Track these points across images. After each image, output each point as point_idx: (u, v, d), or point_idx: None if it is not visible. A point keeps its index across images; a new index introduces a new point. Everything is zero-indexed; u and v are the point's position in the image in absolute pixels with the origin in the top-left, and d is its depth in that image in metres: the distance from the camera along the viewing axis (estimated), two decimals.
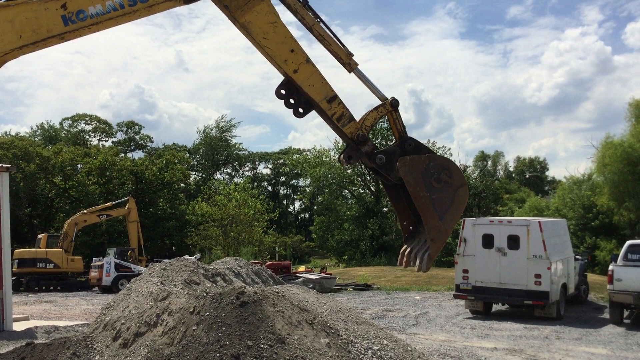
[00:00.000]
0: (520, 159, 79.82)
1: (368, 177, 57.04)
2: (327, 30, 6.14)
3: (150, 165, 56.23)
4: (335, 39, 6.17)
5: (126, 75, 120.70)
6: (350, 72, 6.32)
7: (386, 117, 6.50)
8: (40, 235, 36.30)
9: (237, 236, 45.04)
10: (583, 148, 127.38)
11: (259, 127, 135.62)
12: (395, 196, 6.53)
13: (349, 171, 56.62)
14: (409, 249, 6.35)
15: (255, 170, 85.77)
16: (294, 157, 69.64)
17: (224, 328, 7.30)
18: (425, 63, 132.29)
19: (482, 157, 70.44)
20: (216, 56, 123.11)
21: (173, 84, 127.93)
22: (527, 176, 76.53)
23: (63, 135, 67.16)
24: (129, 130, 71.91)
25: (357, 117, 6.32)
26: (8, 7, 5.05)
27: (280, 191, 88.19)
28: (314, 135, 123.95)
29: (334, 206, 56.63)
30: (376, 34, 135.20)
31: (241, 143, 79.90)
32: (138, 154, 70.50)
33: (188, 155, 73.38)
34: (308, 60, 6.02)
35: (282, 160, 79.49)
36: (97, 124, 69.24)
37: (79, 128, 68.73)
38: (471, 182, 60.52)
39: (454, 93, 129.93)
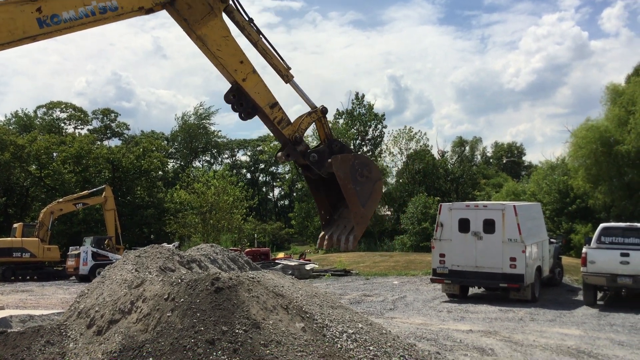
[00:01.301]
0: (498, 144, 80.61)
1: None
2: (269, 46, 6.84)
3: (127, 153, 55.67)
4: (276, 54, 6.89)
5: (102, 62, 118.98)
6: (287, 83, 7.05)
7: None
8: (15, 225, 35.79)
9: (216, 223, 44.93)
10: (559, 133, 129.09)
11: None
12: (316, 189, 7.40)
13: None
14: (329, 234, 7.19)
15: (234, 158, 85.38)
16: (272, 144, 69.38)
17: (198, 314, 7.28)
18: (404, 49, 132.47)
19: (460, 142, 70.87)
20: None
21: (151, 71, 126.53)
22: (504, 161, 77.30)
23: (38, 123, 66.10)
24: (105, 117, 71.03)
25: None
26: None
27: (260, 178, 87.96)
28: None
29: None
30: (355, 19, 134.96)
31: (220, 130, 79.38)
32: (114, 142, 69.76)
33: (166, 142, 72.78)
34: (254, 71, 6.72)
35: (260, 148, 79.18)
36: (72, 111, 68.21)
37: (54, 116, 67.70)
38: (449, 167, 60.97)
39: (432, 79, 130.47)
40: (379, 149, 57.72)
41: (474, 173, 61.77)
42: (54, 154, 53.77)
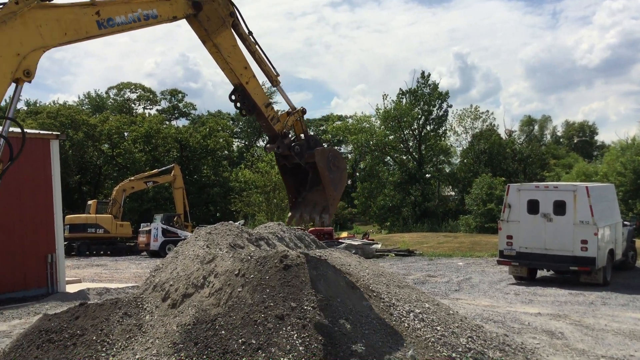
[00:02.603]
0: (569, 123, 77.93)
1: (410, 144, 56.69)
2: (263, 55, 8.11)
3: (194, 132, 56.94)
4: (268, 62, 8.17)
5: (170, 43, 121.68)
6: (275, 87, 8.43)
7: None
8: (90, 202, 37.38)
9: (280, 202, 45.43)
10: (634, 111, 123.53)
11: (301, 94, 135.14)
12: (288, 177, 8.69)
13: (391, 137, 56.24)
14: (298, 214, 8.54)
15: None
16: (335, 124, 69.34)
17: (268, 290, 7.45)
18: (471, 25, 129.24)
19: (529, 121, 68.89)
20: (258, 23, 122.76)
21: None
22: (575, 141, 74.73)
23: (110, 103, 68.42)
24: (173, 98, 72.76)
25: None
26: (56, 7, 5.93)
27: None
28: (357, 101, 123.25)
29: (375, 172, 56.47)
30: None
31: (283, 110, 79.56)
32: (182, 122, 71.44)
33: (231, 122, 73.93)
34: (254, 76, 7.90)
35: (323, 127, 79.33)
36: (142, 92, 70.22)
37: (125, 97, 69.88)
38: (517, 147, 59.49)
39: (500, 56, 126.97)
40: (443, 128, 56.87)
41: (542, 153, 59.98)
42: (125, 134, 55.61)
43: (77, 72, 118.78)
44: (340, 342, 6.68)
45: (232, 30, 7.69)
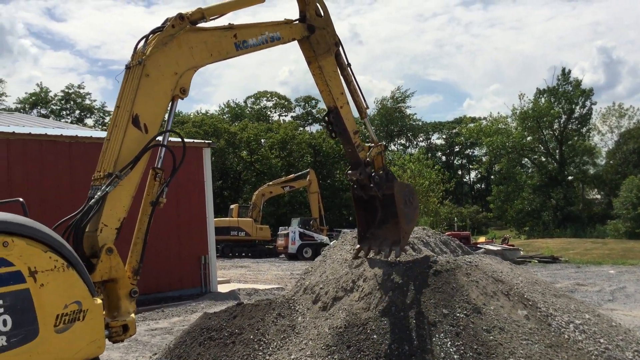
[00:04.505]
0: None
1: (550, 145, 54.05)
2: (357, 87, 8.70)
3: (327, 138, 58.05)
4: (360, 94, 8.79)
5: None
6: (362, 120, 9.15)
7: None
8: (232, 206, 39.29)
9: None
10: None
11: (432, 96, 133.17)
12: (361, 208, 9.02)
13: (529, 138, 53.96)
14: (366, 247, 8.80)
15: (429, 141, 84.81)
16: (469, 126, 67.61)
17: (418, 296, 7.44)
18: (616, 17, 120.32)
19: None
20: (388, 27, 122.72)
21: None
22: None
23: (248, 112, 71.61)
24: (306, 104, 74.68)
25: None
26: (203, 31, 6.66)
27: (455, 161, 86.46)
28: (491, 102, 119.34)
29: (512, 175, 54.36)
30: None
31: (415, 114, 79.11)
32: (315, 127, 73.11)
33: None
34: (348, 102, 8.52)
35: (456, 130, 77.68)
36: (277, 100, 72.79)
37: (262, 105, 72.78)
38: None
39: None
40: (585, 127, 53.60)
41: None
42: (262, 141, 57.91)
43: (218, 83, 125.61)
44: (497, 351, 6.52)
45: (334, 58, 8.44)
